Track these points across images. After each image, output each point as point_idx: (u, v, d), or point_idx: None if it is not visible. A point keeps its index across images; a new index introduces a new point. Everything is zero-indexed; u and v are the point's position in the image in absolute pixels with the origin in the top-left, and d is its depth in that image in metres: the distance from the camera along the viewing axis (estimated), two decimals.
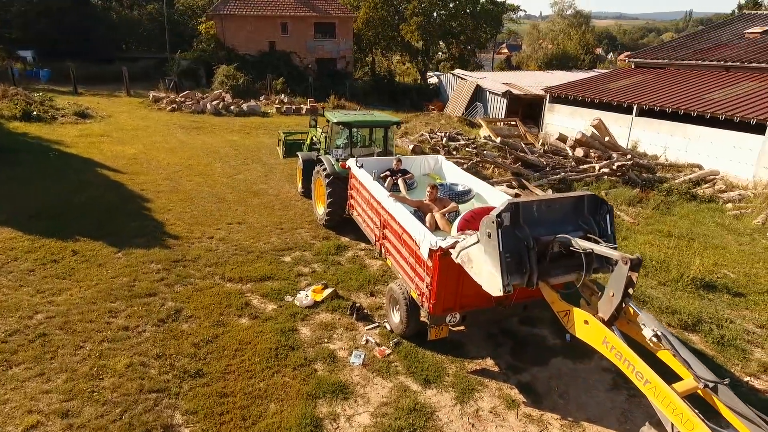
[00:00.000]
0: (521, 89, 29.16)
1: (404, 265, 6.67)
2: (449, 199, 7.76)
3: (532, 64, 55.94)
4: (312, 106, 28.26)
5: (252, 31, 35.29)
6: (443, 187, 8.00)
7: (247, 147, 18.56)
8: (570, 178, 14.99)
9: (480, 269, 4.74)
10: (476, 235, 4.75)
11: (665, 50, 24.73)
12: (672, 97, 18.63)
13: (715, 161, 16.72)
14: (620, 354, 3.90)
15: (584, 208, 4.99)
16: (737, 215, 13.38)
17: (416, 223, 6.24)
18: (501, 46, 79.28)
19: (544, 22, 74.45)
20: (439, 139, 19.97)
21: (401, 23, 40.41)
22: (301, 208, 12.03)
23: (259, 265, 8.91)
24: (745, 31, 23.53)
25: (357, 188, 8.74)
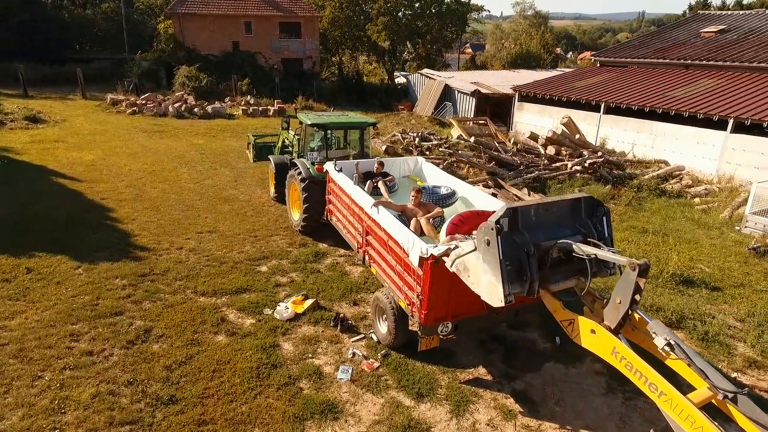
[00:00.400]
0: (489, 88, 29.36)
1: (391, 273, 6.37)
2: (433, 204, 7.49)
3: (497, 64, 56.67)
4: (279, 107, 27.70)
5: (214, 30, 34.25)
6: (426, 191, 7.74)
7: (214, 151, 17.86)
8: (544, 176, 15.06)
9: (478, 278, 4.50)
10: (473, 242, 4.50)
11: (628, 49, 25.35)
12: (637, 95, 19.05)
13: (681, 157, 17.16)
14: (631, 365, 3.72)
15: (581, 210, 4.82)
16: (705, 209, 13.72)
17: (403, 230, 5.96)
18: (465, 46, 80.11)
19: (507, 22, 75.76)
20: (411, 139, 19.77)
21: (367, 23, 40.12)
22: (275, 214, 11.56)
23: (233, 276, 8.43)
24: (701, 31, 24.36)
25: (336, 193, 8.39)
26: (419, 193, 7.39)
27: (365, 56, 46.96)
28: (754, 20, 24.23)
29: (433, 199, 7.52)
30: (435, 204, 7.44)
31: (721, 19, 26.00)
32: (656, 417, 5.72)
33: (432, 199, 7.52)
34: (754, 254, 10.69)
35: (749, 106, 15.92)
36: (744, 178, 15.44)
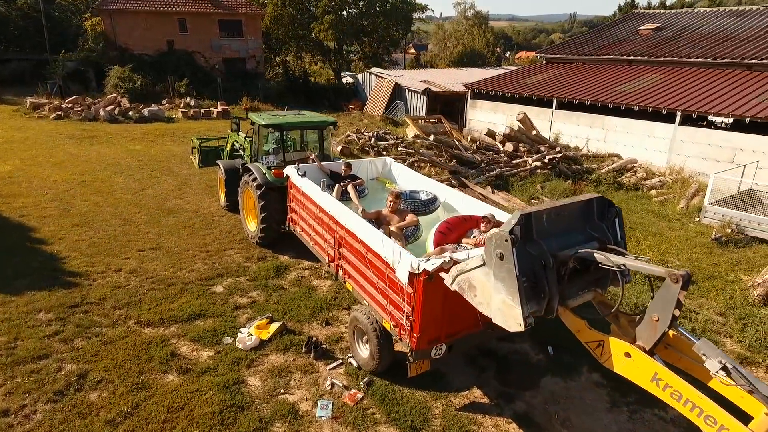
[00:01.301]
0: (440, 86, 29.16)
1: (372, 290, 5.61)
2: (409, 210, 6.76)
3: (442, 63, 57.14)
4: (223, 109, 26.14)
5: (147, 28, 31.97)
6: (403, 197, 7.00)
7: (154, 157, 16.33)
8: (506, 173, 14.79)
9: (487, 298, 3.83)
10: (480, 255, 3.83)
11: (572, 46, 25.86)
12: (588, 90, 19.29)
13: (632, 150, 17.48)
14: (679, 394, 3.18)
15: (594, 213, 4.28)
16: (662, 201, 13.91)
17: (386, 241, 5.21)
18: (408, 46, 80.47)
19: (449, 22, 76.77)
20: (367, 139, 19.05)
21: (312, 21, 38.98)
22: (228, 225, 10.48)
23: (184, 300, 7.36)
24: (639, 28, 25.22)
25: (300, 200, 7.51)
26: (398, 198, 6.64)
27: (310, 56, 45.70)
28: (685, 18, 25.37)
29: (412, 206, 6.79)
30: (415, 211, 6.72)
31: (656, 17, 27.11)
32: (665, 430, 5.32)
33: (410, 206, 6.79)
34: (717, 245, 10.80)
35: (694, 99, 16.40)
36: (693, 169, 15.89)
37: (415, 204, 6.82)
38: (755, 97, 15.63)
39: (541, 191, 14.00)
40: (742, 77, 17.60)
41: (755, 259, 10.25)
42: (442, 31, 71.47)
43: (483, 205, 6.64)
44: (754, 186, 13.01)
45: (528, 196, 13.70)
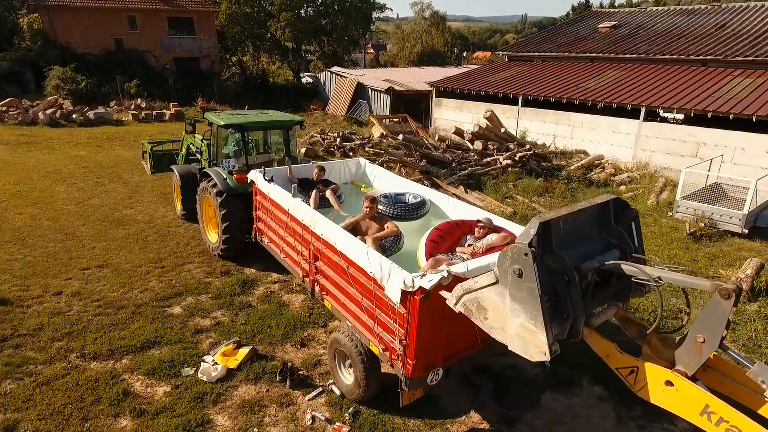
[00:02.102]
0: (402, 85, 28.73)
1: (356, 310, 4.96)
2: (388, 218, 6.11)
3: (402, 62, 56.95)
4: (176, 110, 24.72)
5: (91, 26, 29.97)
6: (387, 200, 6.36)
7: (101, 163, 15.03)
8: (478, 172, 14.43)
9: (502, 322, 3.26)
10: (492, 272, 3.25)
11: (533, 44, 25.96)
12: (553, 87, 19.27)
13: (599, 146, 17.53)
14: (738, 430, 2.70)
15: (610, 217, 3.79)
16: (633, 197, 13.89)
17: (372, 254, 4.57)
18: (366, 46, 79.97)
19: (406, 23, 76.81)
20: (332, 140, 18.32)
21: (269, 20, 37.77)
22: (186, 236, 9.55)
23: (136, 326, 6.46)
24: (597, 26, 25.62)
25: (267, 209, 6.75)
26: (374, 202, 5.99)
27: (267, 55, 44.34)
28: (639, 17, 25.97)
29: (400, 212, 6.14)
30: (403, 217, 6.09)
31: (612, 15, 27.65)
32: None
33: (398, 212, 6.14)
34: (692, 240, 10.75)
35: (656, 95, 16.58)
36: (658, 163, 16.04)
37: (402, 208, 6.18)
38: (714, 92, 15.93)
39: (514, 190, 13.71)
40: (698, 73, 17.98)
41: (731, 253, 10.23)
42: (400, 31, 71.41)
43: (472, 209, 6.09)
44: (719, 179, 13.15)
45: (501, 195, 13.37)
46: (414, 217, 6.18)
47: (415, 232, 6.05)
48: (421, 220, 6.35)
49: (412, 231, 6.07)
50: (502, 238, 5.06)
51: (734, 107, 14.50)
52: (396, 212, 6.09)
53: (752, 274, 8.56)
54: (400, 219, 6.04)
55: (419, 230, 5.97)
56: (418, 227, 6.17)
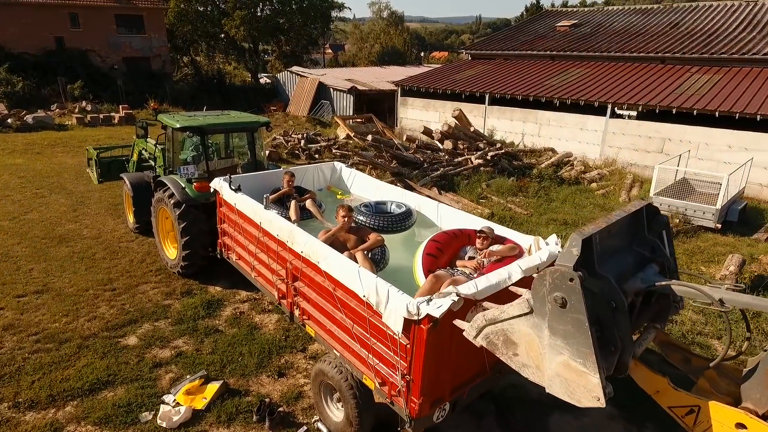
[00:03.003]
0: (365, 85, 28.15)
1: (345, 338, 4.31)
2: (368, 228, 5.48)
3: (362, 62, 56.39)
4: (126, 113, 23.16)
5: (29, 23, 27.75)
6: (368, 209, 5.71)
7: (40, 172, 13.64)
8: (450, 173, 14.00)
9: (537, 360, 2.71)
10: (526, 301, 2.69)
11: (496, 42, 25.93)
12: (518, 85, 19.16)
13: (566, 144, 17.51)
14: None
15: (643, 225, 3.31)
16: (605, 194, 13.82)
17: (365, 275, 3.93)
18: (324, 46, 78.91)
19: (365, 23, 76.36)
20: (296, 142, 17.50)
21: (223, 18, 36.31)
22: (140, 252, 8.59)
23: (83, 362, 5.56)
24: (557, 25, 25.88)
25: (235, 222, 5.97)
26: (350, 211, 5.34)
27: (222, 55, 42.69)
28: (597, 16, 26.44)
29: (383, 223, 5.49)
30: (386, 229, 5.45)
31: (571, 14, 28.05)
32: None
33: (381, 223, 5.48)
34: None
35: (621, 91, 16.70)
36: (626, 160, 16.13)
37: (385, 219, 5.52)
38: (675, 89, 16.18)
39: (488, 190, 13.36)
40: (658, 70, 18.30)
41: (707, 248, 10.19)
42: (359, 31, 70.94)
43: (465, 215, 5.55)
44: (686, 175, 13.24)
45: (476, 195, 12.98)
46: (400, 228, 5.54)
47: (401, 245, 5.47)
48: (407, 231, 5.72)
49: (397, 243, 5.46)
50: (509, 249, 4.54)
51: (696, 103, 14.71)
52: (379, 223, 5.44)
53: (735, 271, 8.47)
54: (384, 231, 5.41)
55: (405, 242, 5.39)
56: (403, 238, 5.57)
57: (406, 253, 5.48)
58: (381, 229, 5.40)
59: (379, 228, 5.41)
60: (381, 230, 5.39)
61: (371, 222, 5.45)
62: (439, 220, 5.76)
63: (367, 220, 5.47)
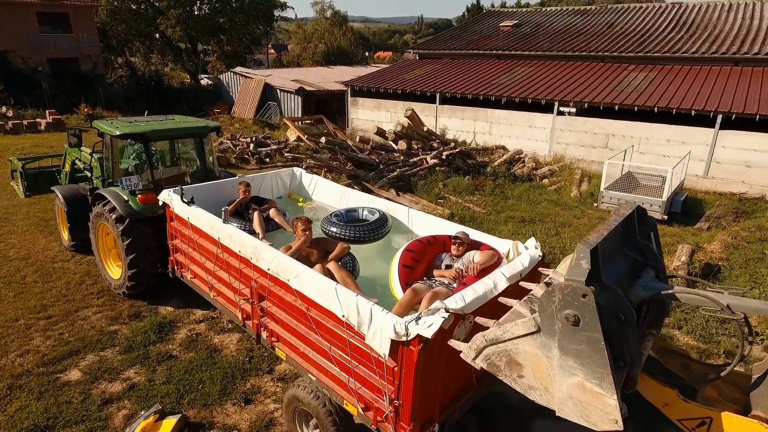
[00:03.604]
0: (313, 85, 27.59)
1: (322, 361, 3.97)
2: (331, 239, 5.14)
3: (306, 62, 55.52)
4: (54, 119, 21.40)
5: None
6: (339, 219, 5.36)
7: None
8: (406, 174, 13.84)
9: (546, 382, 2.51)
10: (532, 319, 2.49)
11: (442, 42, 26.12)
12: (467, 84, 19.34)
13: (517, 141, 17.83)
14: None
15: (635, 229, 3.20)
16: (557, 190, 14.15)
17: (343, 293, 3.61)
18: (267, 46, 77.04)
19: (308, 22, 75.38)
20: (245, 145, 16.76)
21: (159, 16, 34.50)
22: (78, 273, 7.79)
23: (15, 407, 4.87)
24: (500, 25, 26.44)
25: (189, 237, 5.45)
26: (308, 223, 4.97)
27: (159, 56, 40.59)
28: (537, 16, 27.25)
29: (358, 233, 5.13)
30: (361, 239, 5.11)
31: (512, 15, 28.77)
32: None
33: (355, 233, 5.12)
34: None
35: (566, 89, 17.19)
36: (573, 155, 16.63)
37: (360, 229, 5.16)
38: (616, 86, 16.85)
39: (445, 190, 13.32)
40: (599, 68, 19.03)
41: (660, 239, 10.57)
42: (302, 31, 69.93)
43: (437, 220, 5.32)
44: (631, 169, 13.79)
45: (434, 196, 12.90)
46: (375, 237, 5.23)
47: (374, 253, 5.17)
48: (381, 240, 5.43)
49: (367, 251, 5.15)
50: (490, 256, 4.35)
51: (636, 100, 15.37)
52: (353, 234, 5.10)
53: (687, 260, 8.81)
54: (359, 241, 5.10)
55: (375, 249, 5.08)
56: (374, 246, 5.26)
57: (377, 262, 5.20)
58: (356, 240, 5.08)
59: (354, 238, 5.08)
60: (356, 240, 5.07)
61: (346, 233, 5.10)
62: (411, 225, 5.50)
63: (339, 231, 5.12)
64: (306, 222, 4.94)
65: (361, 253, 5.23)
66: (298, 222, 4.95)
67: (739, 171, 13.97)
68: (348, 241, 5.04)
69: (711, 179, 14.34)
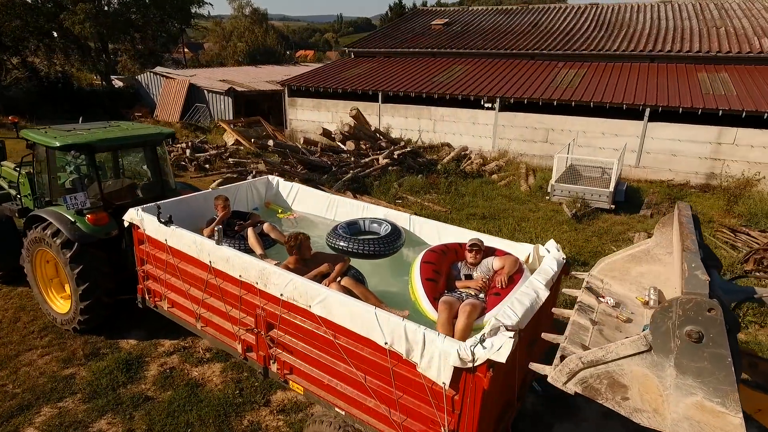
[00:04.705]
0: (243, 85, 26.32)
1: (354, 393, 3.55)
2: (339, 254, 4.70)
3: (228, 62, 53.14)
4: None
5: None
6: (345, 231, 4.88)
7: None
8: (360, 175, 13.49)
9: (657, 403, 2.32)
10: (641, 336, 2.28)
11: (376, 41, 25.94)
12: (408, 82, 19.30)
13: (461, 138, 18.08)
14: None
15: (699, 228, 3.12)
16: (506, 184, 14.47)
17: (384, 317, 3.23)
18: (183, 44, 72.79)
19: (227, 20, 72.27)
20: (180, 152, 15.52)
21: (60, 12, 31.21)
22: (10, 309, 6.66)
23: None
24: (431, 23, 26.76)
25: (167, 262, 4.74)
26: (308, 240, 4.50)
27: (63, 56, 36.76)
28: (464, 15, 27.92)
29: (367, 247, 4.66)
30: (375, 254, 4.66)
31: (441, 14, 29.26)
32: None
33: (362, 248, 4.65)
34: (576, 220, 11.43)
35: (506, 86, 17.68)
36: (516, 150, 17.14)
37: (375, 244, 4.68)
38: (551, 83, 17.58)
39: (401, 190, 13.14)
40: (531, 66, 19.77)
41: (608, 227, 11.11)
42: (220, 29, 66.91)
43: (437, 225, 5.05)
44: (573, 161, 14.43)
45: (391, 196, 12.67)
46: (390, 252, 4.81)
47: (377, 267, 4.75)
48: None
49: (367, 265, 4.70)
50: (512, 262, 4.14)
51: (573, 95, 16.12)
52: (367, 249, 4.64)
53: None
54: (372, 257, 4.68)
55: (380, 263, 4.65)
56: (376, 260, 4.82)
57: (381, 275, 4.83)
58: (370, 255, 4.65)
59: (368, 253, 4.65)
60: (369, 256, 4.64)
61: (356, 248, 4.64)
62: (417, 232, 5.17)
63: (347, 246, 4.67)
64: (306, 237, 4.47)
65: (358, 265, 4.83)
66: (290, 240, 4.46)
67: (666, 160, 15.09)
68: (363, 256, 4.62)
69: (642, 168, 15.37)
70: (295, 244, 4.21)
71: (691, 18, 21.32)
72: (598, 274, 3.85)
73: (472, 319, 3.62)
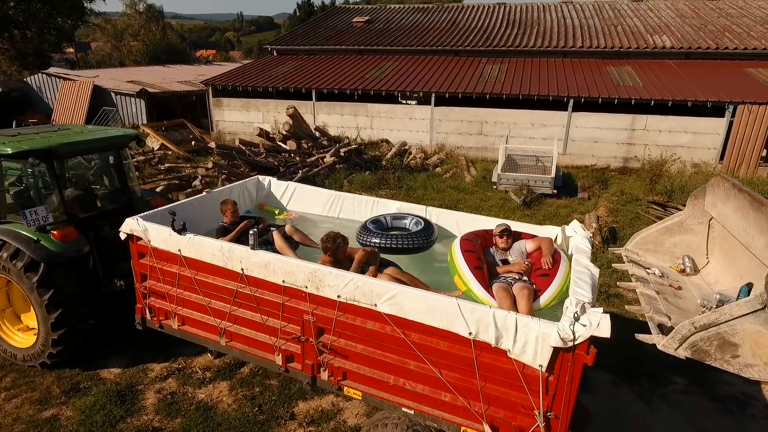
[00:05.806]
0: (155, 86, 24.46)
1: (427, 390, 3.44)
2: (387, 250, 4.53)
3: (127, 61, 49.10)
4: None
5: None
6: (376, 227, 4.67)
7: None
8: (309, 174, 13.14)
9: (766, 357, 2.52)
10: (757, 295, 2.46)
11: (299, 38, 25.32)
12: (341, 79, 19.10)
13: (399, 134, 18.27)
14: None
15: None
16: (451, 177, 14.90)
17: (468, 307, 3.17)
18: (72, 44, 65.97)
19: (117, 17, 66.65)
20: None
21: None
22: None
23: None
24: (353, 20, 26.74)
25: (179, 275, 4.22)
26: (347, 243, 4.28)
27: None
28: (383, 14, 28.23)
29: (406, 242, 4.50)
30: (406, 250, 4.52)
31: (361, 11, 29.36)
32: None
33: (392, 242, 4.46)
34: (525, 207, 12.07)
35: (438, 81, 18.15)
36: (453, 143, 17.69)
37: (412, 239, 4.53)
38: (480, 77, 18.36)
39: (352, 187, 13.01)
40: (458, 61, 20.50)
41: (553, 211, 11.88)
42: (111, 26, 61.57)
43: (452, 213, 5.07)
44: (509, 151, 15.21)
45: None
46: (426, 247, 4.70)
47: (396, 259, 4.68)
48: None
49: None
50: (549, 243, 4.26)
51: (502, 88, 16.97)
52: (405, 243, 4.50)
53: (597, 227, 10.03)
54: (409, 251, 4.56)
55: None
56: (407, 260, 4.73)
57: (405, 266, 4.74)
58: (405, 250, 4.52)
59: (404, 248, 4.52)
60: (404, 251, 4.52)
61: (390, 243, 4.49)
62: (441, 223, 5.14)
63: (381, 242, 4.51)
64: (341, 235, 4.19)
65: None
66: (341, 238, 4.15)
67: (589, 146, 16.43)
68: (402, 250, 4.49)
69: (569, 155, 16.59)
70: (332, 246, 3.98)
71: (593, 16, 23.36)
72: (633, 248, 4.09)
73: (531, 303, 3.68)
